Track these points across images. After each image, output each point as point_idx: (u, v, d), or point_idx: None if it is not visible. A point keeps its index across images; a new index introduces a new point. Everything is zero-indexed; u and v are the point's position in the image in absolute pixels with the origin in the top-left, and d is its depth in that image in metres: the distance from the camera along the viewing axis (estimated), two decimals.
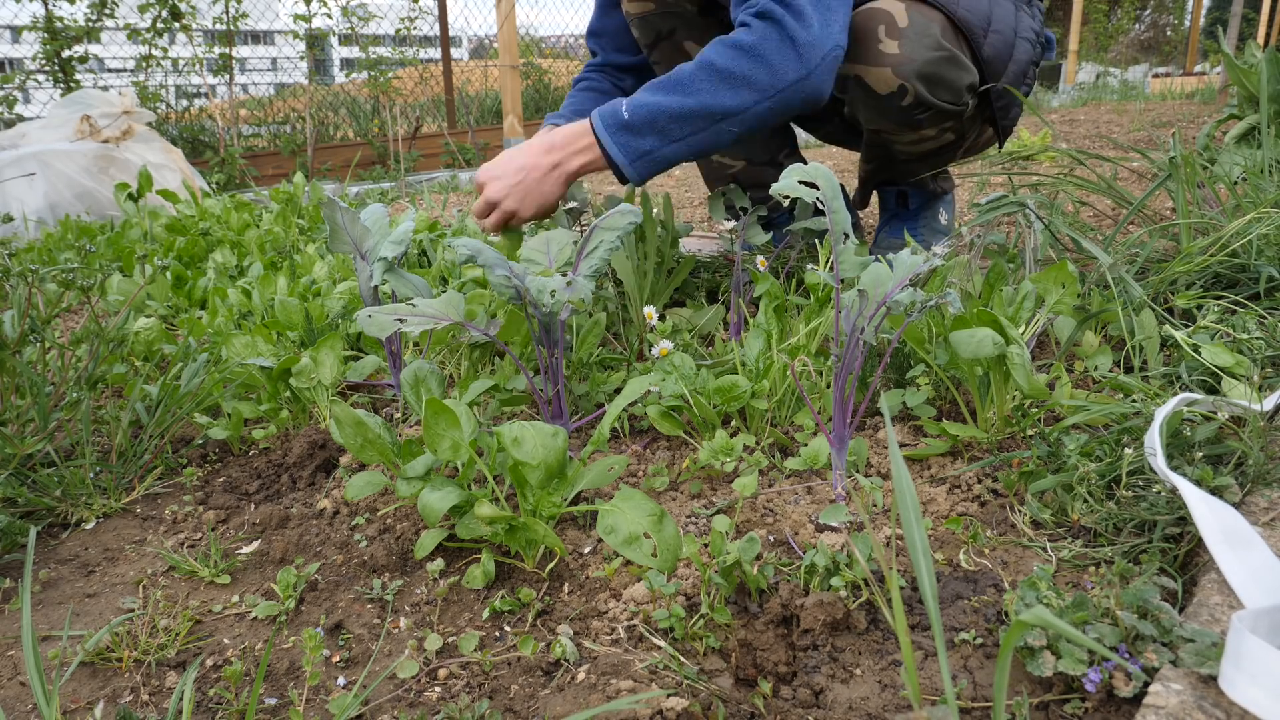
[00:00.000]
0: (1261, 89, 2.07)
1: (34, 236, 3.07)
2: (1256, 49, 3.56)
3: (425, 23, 6.36)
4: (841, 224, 1.12)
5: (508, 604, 0.99)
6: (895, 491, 0.59)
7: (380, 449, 1.13)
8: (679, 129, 1.48)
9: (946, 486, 1.19)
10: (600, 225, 1.34)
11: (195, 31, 5.22)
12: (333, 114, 6.54)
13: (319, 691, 0.89)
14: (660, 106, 1.47)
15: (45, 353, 1.40)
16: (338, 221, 1.48)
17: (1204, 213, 1.74)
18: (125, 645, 0.95)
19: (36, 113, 4.86)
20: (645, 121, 1.48)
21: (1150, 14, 16.11)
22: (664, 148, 1.50)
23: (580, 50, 9.59)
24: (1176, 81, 8.32)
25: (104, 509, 1.29)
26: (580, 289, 1.23)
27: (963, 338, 1.15)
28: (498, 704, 0.85)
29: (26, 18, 4.93)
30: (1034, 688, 0.80)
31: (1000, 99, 1.79)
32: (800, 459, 1.23)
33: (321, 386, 1.51)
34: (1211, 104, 5.96)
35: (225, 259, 2.41)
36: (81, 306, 2.38)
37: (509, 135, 5.87)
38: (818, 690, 0.85)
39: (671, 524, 0.97)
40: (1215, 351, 1.28)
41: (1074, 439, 1.11)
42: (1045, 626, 0.49)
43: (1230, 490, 0.98)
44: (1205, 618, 0.80)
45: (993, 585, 0.97)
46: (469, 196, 4.15)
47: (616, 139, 1.49)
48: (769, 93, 1.47)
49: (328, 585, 1.06)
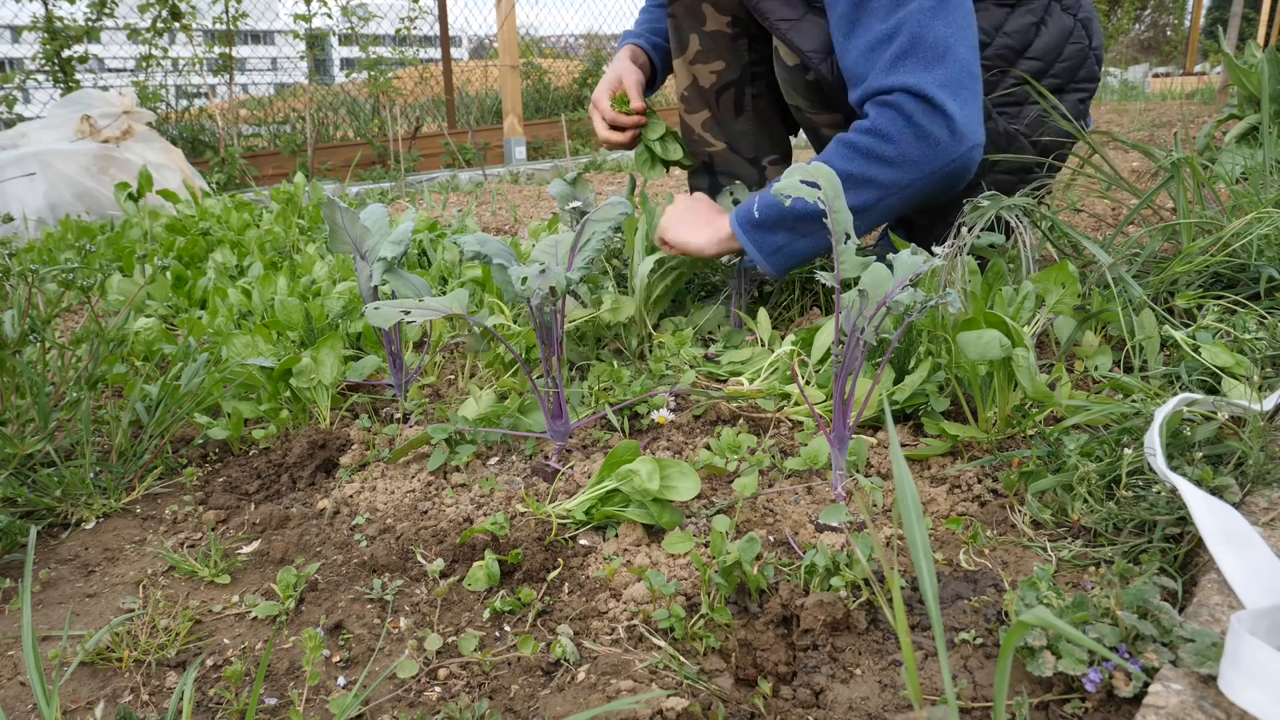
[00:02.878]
0: (1262, 89, 2.07)
1: (34, 236, 3.07)
2: (1256, 49, 3.56)
3: (425, 23, 6.36)
4: (842, 224, 1.12)
5: (508, 604, 0.99)
6: (896, 491, 0.59)
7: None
8: (805, 226, 1.52)
9: (947, 486, 1.19)
10: (592, 218, 1.34)
11: (195, 31, 5.22)
12: (333, 114, 6.54)
13: (319, 691, 0.89)
14: (786, 207, 1.50)
15: (45, 353, 1.40)
16: (338, 221, 1.48)
17: (1204, 211, 1.74)
18: (125, 645, 0.95)
19: (36, 113, 4.86)
20: (775, 220, 1.52)
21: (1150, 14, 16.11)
22: (795, 243, 1.54)
23: (580, 50, 9.59)
24: (1177, 81, 8.31)
25: (104, 509, 1.29)
26: (553, 276, 1.23)
27: (970, 339, 1.15)
28: (498, 704, 0.85)
29: (26, 18, 4.93)
30: (1034, 688, 0.80)
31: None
32: (800, 459, 1.23)
33: (321, 386, 1.51)
34: (1211, 104, 5.96)
35: (225, 259, 2.41)
36: (81, 306, 2.38)
37: (509, 135, 5.87)
38: (818, 690, 0.85)
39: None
40: (1215, 351, 1.28)
41: (1074, 439, 1.11)
42: (1046, 626, 0.49)
43: (1230, 490, 0.98)
44: (1205, 618, 0.80)
45: (993, 585, 0.97)
46: (469, 196, 4.15)
47: (750, 236, 1.54)
48: (892, 190, 1.48)
49: (328, 585, 1.06)
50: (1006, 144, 1.68)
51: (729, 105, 1.88)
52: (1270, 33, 6.55)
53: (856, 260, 1.13)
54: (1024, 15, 1.65)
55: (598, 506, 1.13)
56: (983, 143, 1.48)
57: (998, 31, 1.64)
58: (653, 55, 2.01)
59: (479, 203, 3.96)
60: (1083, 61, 1.69)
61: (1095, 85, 1.73)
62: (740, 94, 1.87)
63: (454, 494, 1.25)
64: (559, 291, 1.25)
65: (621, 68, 1.93)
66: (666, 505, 1.11)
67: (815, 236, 1.52)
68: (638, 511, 1.10)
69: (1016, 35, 1.64)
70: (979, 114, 1.47)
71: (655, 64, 2.02)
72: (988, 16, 1.63)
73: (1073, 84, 1.70)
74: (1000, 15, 1.64)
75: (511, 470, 1.32)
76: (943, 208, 1.73)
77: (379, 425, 1.50)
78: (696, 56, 1.85)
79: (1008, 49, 1.64)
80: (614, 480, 1.12)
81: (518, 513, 1.17)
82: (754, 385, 1.45)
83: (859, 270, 1.12)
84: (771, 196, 1.50)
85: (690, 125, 1.93)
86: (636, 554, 1.07)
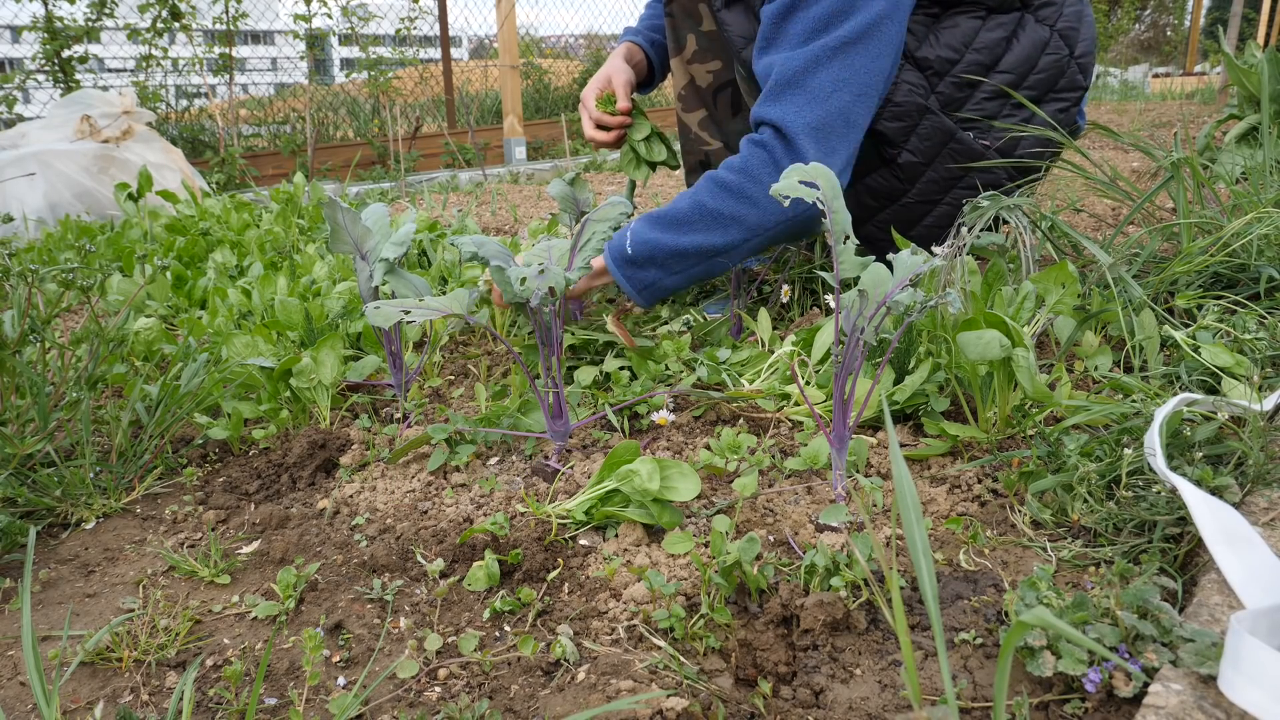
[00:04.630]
0: (1262, 89, 2.07)
1: (34, 236, 3.07)
2: (1256, 49, 3.56)
3: (425, 23, 6.36)
4: (841, 224, 1.12)
5: (508, 604, 0.99)
6: (896, 491, 0.59)
7: None
8: (676, 264, 1.56)
9: (946, 486, 1.19)
10: (593, 218, 1.34)
11: (195, 31, 5.22)
12: (333, 114, 6.53)
13: (319, 691, 0.89)
14: (659, 244, 1.54)
15: (45, 353, 1.40)
16: (338, 221, 1.48)
17: (1204, 211, 1.74)
18: (125, 645, 0.95)
19: (36, 113, 4.86)
20: (646, 257, 1.55)
21: (1150, 14, 16.10)
22: (665, 279, 1.57)
23: (580, 50, 9.59)
24: (1177, 81, 8.31)
25: (104, 509, 1.29)
26: (552, 276, 1.23)
27: (970, 339, 1.15)
28: (498, 704, 0.85)
29: (26, 18, 4.93)
30: (1034, 688, 0.80)
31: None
32: (800, 459, 1.23)
33: (321, 386, 1.51)
34: (1211, 104, 5.96)
35: (225, 259, 2.41)
36: (81, 306, 2.38)
37: (509, 135, 5.87)
38: (818, 690, 0.85)
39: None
40: (1215, 351, 1.28)
41: (1074, 439, 1.11)
42: (1045, 627, 0.49)
43: (1230, 490, 0.98)
44: (1205, 618, 0.80)
45: (993, 585, 0.97)
46: (469, 196, 4.15)
47: (623, 271, 1.57)
48: (757, 231, 1.54)
49: (328, 585, 1.06)
50: (969, 160, 1.67)
51: (726, 105, 1.88)
52: (1270, 33, 6.55)
53: (856, 260, 1.13)
54: (994, 29, 1.63)
55: (598, 506, 1.13)
56: (843, 185, 1.53)
57: (967, 48, 1.62)
58: (650, 53, 2.01)
59: (479, 203, 3.96)
60: (1062, 72, 1.66)
61: (1079, 94, 1.69)
62: (737, 93, 1.87)
63: (454, 494, 1.25)
64: (558, 292, 1.25)
65: (613, 67, 1.93)
66: (666, 505, 1.11)
67: (684, 274, 1.57)
68: (638, 511, 1.10)
69: (985, 50, 1.62)
70: (843, 164, 1.53)
71: (653, 62, 2.02)
72: (956, 33, 1.61)
73: (1051, 94, 1.67)
74: (970, 30, 1.62)
75: (511, 470, 1.32)
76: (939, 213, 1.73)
77: (379, 425, 1.50)
78: (694, 56, 1.85)
79: (976, 65, 1.62)
80: (614, 480, 1.12)
81: (518, 513, 1.17)
82: (754, 385, 1.45)
83: (859, 270, 1.12)
84: (642, 234, 1.56)
85: (687, 124, 1.93)
86: (636, 554, 1.07)
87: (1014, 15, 1.64)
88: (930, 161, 1.67)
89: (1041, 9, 1.65)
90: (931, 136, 1.64)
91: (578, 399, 1.49)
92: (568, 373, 1.58)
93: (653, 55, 2.02)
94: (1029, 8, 1.65)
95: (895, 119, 1.63)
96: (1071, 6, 1.66)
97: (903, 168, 1.68)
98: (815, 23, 1.50)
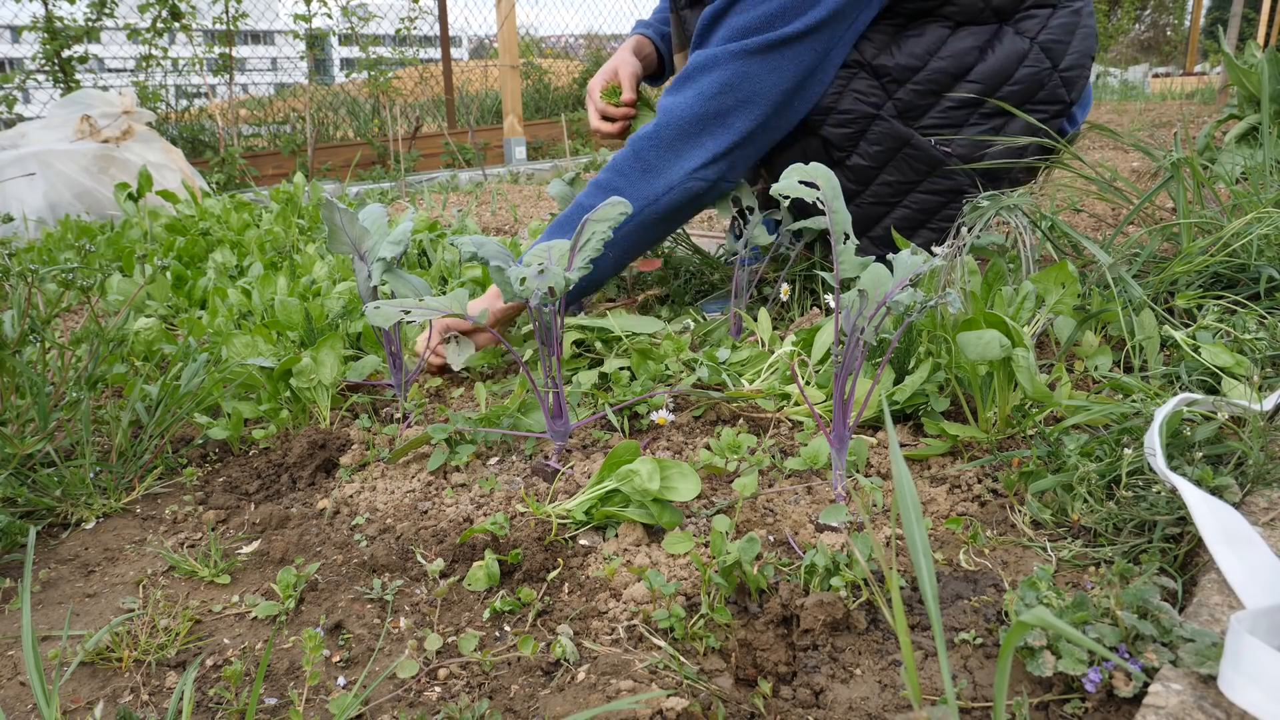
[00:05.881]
0: (1262, 89, 2.07)
1: (34, 236, 3.07)
2: (1256, 49, 3.57)
3: (425, 23, 6.36)
4: (841, 224, 1.12)
5: (508, 604, 0.99)
6: (896, 491, 0.59)
7: None
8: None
9: (946, 486, 1.19)
10: (591, 218, 1.34)
11: (195, 31, 5.22)
12: (333, 114, 6.54)
13: (319, 691, 0.89)
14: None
15: (45, 353, 1.40)
16: (336, 222, 1.48)
17: (1204, 211, 1.74)
18: (125, 645, 0.95)
19: (36, 113, 4.86)
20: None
21: (1150, 14, 16.11)
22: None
23: (580, 50, 9.59)
24: (1176, 81, 8.32)
25: (104, 509, 1.29)
26: (552, 276, 1.23)
27: (970, 339, 1.15)
28: (498, 704, 0.85)
29: (26, 18, 4.93)
30: (1034, 688, 0.80)
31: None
32: (800, 459, 1.23)
33: (321, 386, 1.51)
34: (1211, 104, 5.96)
35: (225, 259, 2.41)
36: (81, 306, 2.38)
37: (509, 135, 5.88)
38: (818, 690, 0.85)
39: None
40: (1215, 351, 1.28)
41: (1074, 439, 1.11)
42: (1046, 627, 0.49)
43: (1230, 490, 0.98)
44: (1205, 618, 0.80)
45: (993, 585, 0.97)
46: (469, 196, 4.15)
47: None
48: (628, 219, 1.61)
49: (328, 585, 1.06)
50: (930, 168, 1.67)
51: None
52: (1270, 33, 6.55)
53: (856, 260, 1.13)
54: (966, 38, 1.61)
55: (598, 506, 1.13)
56: (678, 187, 1.61)
57: (931, 56, 1.61)
58: (661, 46, 2.03)
59: (479, 203, 3.96)
60: (1042, 84, 1.64)
61: (1060, 107, 1.68)
62: None
63: (454, 494, 1.25)
64: (558, 292, 1.25)
65: (620, 59, 1.94)
66: (666, 505, 1.11)
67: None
68: (638, 511, 1.10)
69: (951, 59, 1.61)
70: (706, 159, 1.60)
71: (664, 54, 2.03)
72: (921, 42, 1.61)
73: (1028, 106, 1.66)
74: (937, 39, 1.61)
75: (511, 470, 1.32)
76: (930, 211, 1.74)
77: (379, 425, 1.50)
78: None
79: (940, 73, 1.61)
80: (614, 480, 1.12)
81: (518, 513, 1.17)
82: (754, 385, 1.45)
83: (859, 270, 1.12)
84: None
85: None
86: (636, 554, 1.07)
87: (989, 27, 1.63)
88: (882, 165, 1.69)
89: (1022, 21, 1.63)
90: (882, 141, 1.66)
91: (577, 399, 1.49)
92: (568, 374, 1.58)
93: (663, 47, 2.03)
94: (1007, 20, 1.63)
95: (840, 125, 1.66)
96: (1060, 19, 1.64)
97: (853, 170, 1.70)
98: (732, 31, 1.56)
